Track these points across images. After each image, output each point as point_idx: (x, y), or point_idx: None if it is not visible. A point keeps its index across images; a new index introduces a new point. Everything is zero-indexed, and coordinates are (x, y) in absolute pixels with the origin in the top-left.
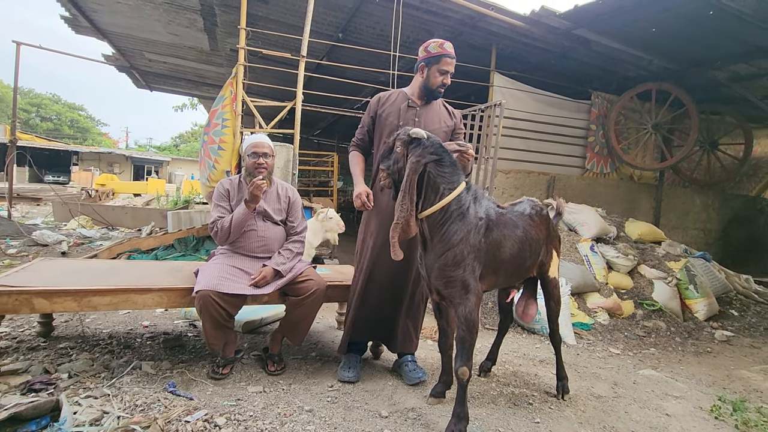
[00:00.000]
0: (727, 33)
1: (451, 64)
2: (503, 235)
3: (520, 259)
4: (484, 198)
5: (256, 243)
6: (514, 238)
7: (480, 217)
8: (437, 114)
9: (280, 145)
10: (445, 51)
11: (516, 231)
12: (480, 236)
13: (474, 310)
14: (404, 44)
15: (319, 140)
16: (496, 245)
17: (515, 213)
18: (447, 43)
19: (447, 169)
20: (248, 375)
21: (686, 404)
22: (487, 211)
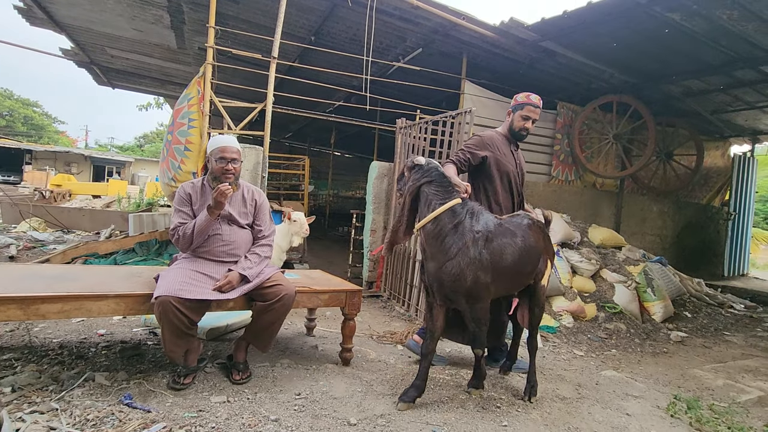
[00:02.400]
0: (681, 50)
1: (534, 111)
2: (504, 243)
3: (520, 266)
4: (483, 213)
5: (221, 247)
6: (514, 246)
7: (477, 231)
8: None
9: (250, 148)
10: (529, 101)
11: (516, 240)
12: (479, 248)
13: (482, 314)
14: (377, 49)
15: (290, 143)
16: (498, 254)
17: (513, 223)
18: (534, 95)
19: (439, 189)
20: (211, 384)
21: (645, 404)
22: (486, 225)
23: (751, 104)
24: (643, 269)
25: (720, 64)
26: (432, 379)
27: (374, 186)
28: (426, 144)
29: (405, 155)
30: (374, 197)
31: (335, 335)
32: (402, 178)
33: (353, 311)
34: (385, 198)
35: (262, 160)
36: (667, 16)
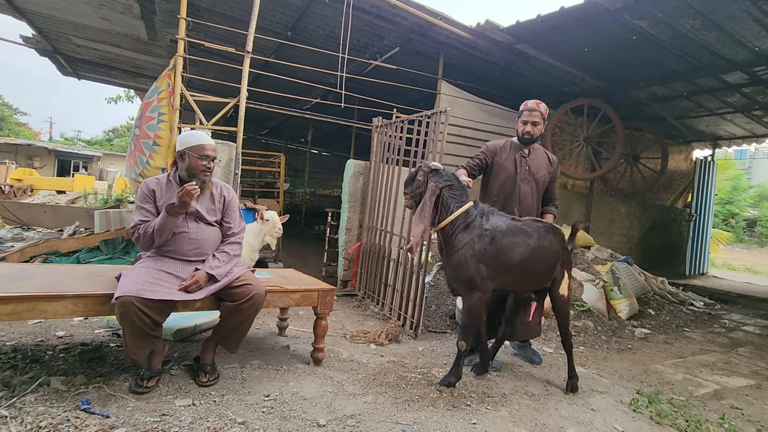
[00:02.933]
0: (647, 57)
1: (530, 115)
2: (513, 242)
3: (530, 265)
4: (495, 214)
5: (187, 246)
6: (524, 245)
7: (486, 229)
8: (540, 161)
9: (222, 144)
10: (525, 107)
11: (528, 239)
12: (485, 244)
13: (476, 303)
14: (354, 47)
15: (266, 140)
16: (504, 250)
17: (532, 225)
18: (531, 101)
19: (457, 192)
20: (177, 387)
21: (609, 399)
22: (496, 224)
23: (712, 111)
24: (610, 268)
25: (683, 71)
26: (403, 378)
27: (350, 184)
28: (402, 143)
29: (381, 154)
30: (350, 196)
31: (308, 335)
32: (412, 182)
33: (326, 311)
34: (360, 196)
35: (235, 156)
36: (635, 23)
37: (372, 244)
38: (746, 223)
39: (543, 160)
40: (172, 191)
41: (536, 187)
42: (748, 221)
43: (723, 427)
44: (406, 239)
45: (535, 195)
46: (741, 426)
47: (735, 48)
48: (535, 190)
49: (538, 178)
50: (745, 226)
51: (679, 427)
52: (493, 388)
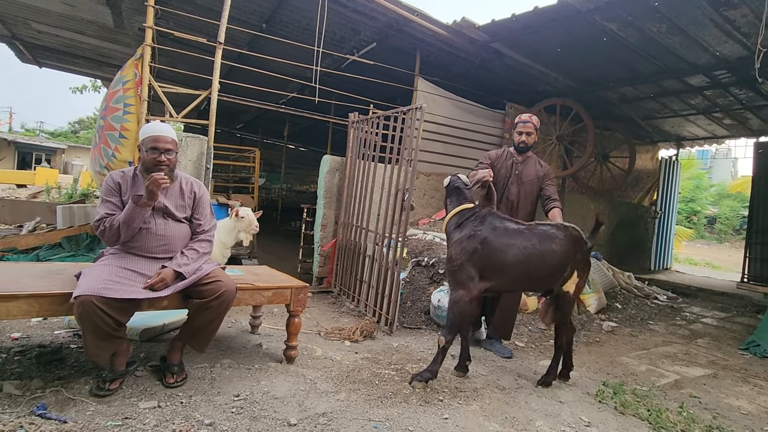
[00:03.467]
0: (617, 59)
1: (524, 126)
2: (506, 244)
3: (526, 266)
4: (493, 216)
5: (153, 242)
6: (519, 247)
7: (479, 230)
8: (531, 167)
9: (193, 137)
10: (519, 120)
11: (525, 242)
12: (475, 244)
13: (461, 298)
14: (331, 41)
15: (241, 134)
16: (497, 252)
17: (536, 228)
18: (524, 115)
19: (453, 199)
20: (141, 389)
21: (576, 391)
22: (492, 226)
23: (676, 112)
24: None
25: (650, 73)
26: (377, 375)
27: (325, 180)
28: (378, 139)
29: (357, 150)
30: (325, 191)
31: (281, 333)
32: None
33: (299, 308)
34: (336, 192)
35: (206, 150)
36: (605, 25)
37: (348, 240)
38: (707, 220)
39: (533, 167)
40: (139, 185)
41: (524, 189)
42: (708, 218)
43: (682, 415)
44: (381, 235)
45: (522, 197)
46: (698, 414)
47: (698, 52)
48: (522, 192)
49: (525, 182)
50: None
51: (642, 417)
52: (465, 382)
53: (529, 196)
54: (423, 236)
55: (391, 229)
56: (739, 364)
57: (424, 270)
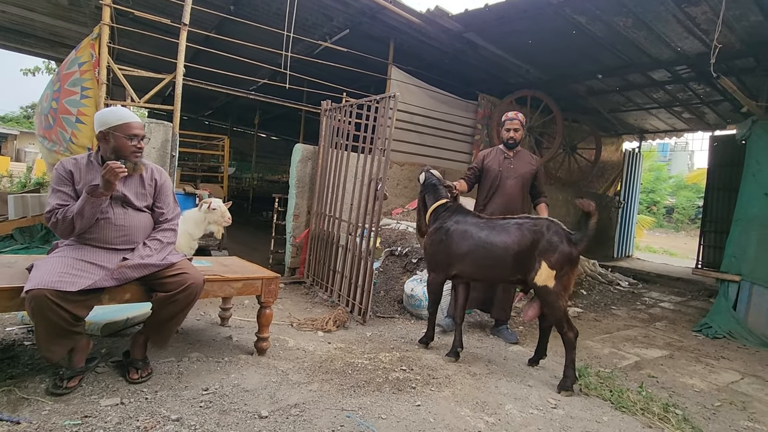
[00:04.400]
0: (585, 52)
1: (511, 122)
2: (463, 235)
3: (478, 255)
4: (460, 212)
5: (113, 233)
6: (474, 238)
7: (446, 223)
8: (525, 161)
9: (157, 123)
10: (506, 117)
11: (480, 233)
12: (441, 235)
13: (432, 281)
14: (302, 27)
15: (210, 122)
16: (455, 242)
17: (493, 222)
18: (510, 112)
19: (431, 195)
20: (103, 386)
21: (544, 374)
22: (455, 219)
23: (640, 105)
24: None
25: (617, 66)
26: (350, 365)
27: (297, 169)
28: (351, 128)
29: (330, 138)
30: (297, 181)
31: (252, 325)
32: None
33: (270, 299)
34: (308, 182)
35: (171, 137)
36: (575, 18)
37: (321, 230)
38: (665, 210)
39: (526, 159)
40: (94, 173)
41: (521, 182)
42: (667, 208)
43: (641, 394)
44: (354, 225)
45: (518, 189)
46: (656, 392)
47: (661, 47)
48: (519, 184)
49: (521, 174)
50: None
51: (605, 397)
52: (438, 370)
53: (525, 189)
54: (396, 226)
55: (364, 219)
56: (693, 345)
57: (397, 259)
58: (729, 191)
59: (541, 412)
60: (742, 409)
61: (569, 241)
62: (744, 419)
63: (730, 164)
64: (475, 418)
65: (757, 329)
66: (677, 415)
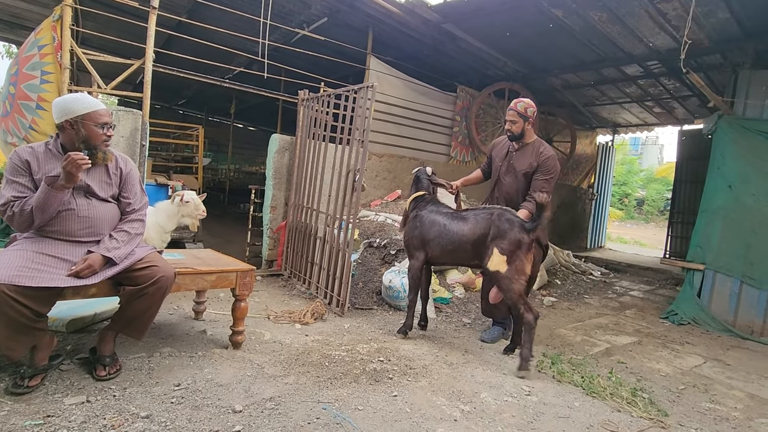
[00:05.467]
0: (562, 46)
1: (509, 114)
2: (431, 224)
3: (443, 241)
4: (432, 203)
5: (76, 225)
6: (439, 226)
7: (421, 213)
8: (527, 156)
9: (126, 111)
10: (509, 108)
11: (443, 221)
12: (416, 223)
13: (412, 266)
14: (279, 14)
15: (184, 111)
16: (425, 229)
17: (460, 213)
18: (512, 102)
19: (413, 187)
20: (68, 384)
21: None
22: (430, 209)
23: (613, 100)
24: None
25: (592, 61)
26: (327, 357)
27: (274, 160)
28: (329, 118)
29: (308, 128)
30: (274, 172)
31: (227, 318)
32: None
33: (245, 292)
34: (286, 173)
35: (141, 126)
36: (551, 11)
37: (298, 222)
38: (636, 202)
39: (529, 155)
40: (53, 162)
41: (517, 179)
42: (638, 200)
43: (611, 379)
44: (332, 217)
45: (514, 186)
46: (625, 377)
47: (634, 42)
48: (515, 181)
49: (518, 171)
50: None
51: (576, 383)
52: (415, 360)
53: (522, 187)
54: (375, 217)
55: (342, 211)
56: (660, 331)
57: (376, 251)
58: (696, 184)
59: (515, 399)
60: (704, 391)
61: (521, 228)
62: (706, 401)
63: (697, 158)
64: (450, 407)
65: (719, 315)
66: (644, 399)
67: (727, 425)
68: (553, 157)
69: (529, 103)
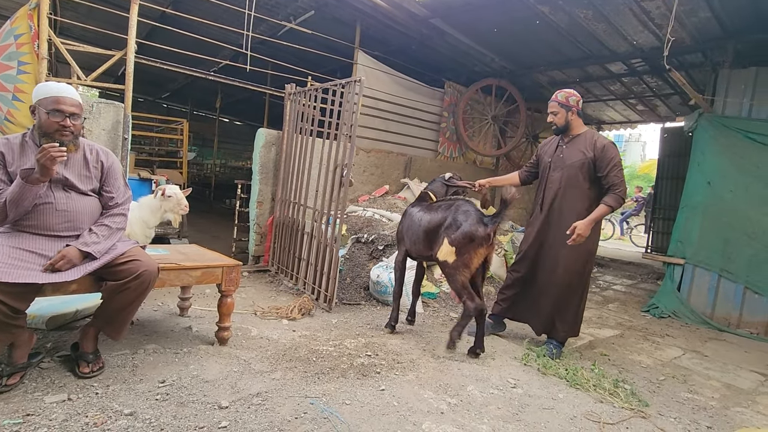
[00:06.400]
0: (548, 43)
1: (550, 106)
2: (410, 217)
3: (413, 235)
4: (420, 199)
5: (54, 219)
6: (414, 220)
7: (409, 209)
8: (578, 148)
9: (107, 103)
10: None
11: (416, 215)
12: (402, 218)
13: (396, 258)
14: (265, 6)
15: (169, 105)
16: (404, 223)
17: (430, 206)
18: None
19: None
20: (48, 382)
21: (505, 356)
22: (414, 204)
23: (598, 97)
24: (510, 238)
25: (577, 58)
26: (314, 352)
27: (261, 155)
28: (316, 112)
29: (294, 123)
30: (261, 167)
31: (213, 314)
32: None
33: (231, 288)
34: (272, 168)
35: (123, 118)
36: (538, 7)
37: (285, 217)
38: None
39: (581, 146)
40: (29, 154)
41: (567, 173)
42: None
43: (594, 371)
44: (319, 212)
45: (564, 182)
46: (607, 369)
47: (618, 40)
48: (565, 177)
49: (568, 164)
50: None
51: (560, 376)
52: (403, 354)
53: (573, 180)
54: (363, 213)
55: (330, 206)
56: (641, 324)
57: (363, 246)
58: (677, 180)
59: (501, 391)
60: (683, 382)
61: (478, 222)
62: (685, 391)
63: (678, 155)
64: (437, 400)
65: (698, 308)
66: (626, 390)
67: (704, 414)
68: (611, 144)
69: (571, 92)
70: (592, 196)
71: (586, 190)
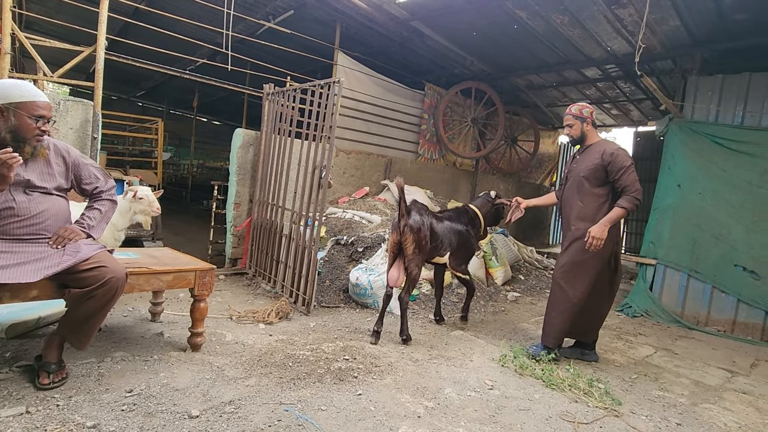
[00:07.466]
0: (526, 47)
1: (566, 119)
2: None
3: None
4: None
5: (16, 224)
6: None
7: None
8: (590, 157)
9: (75, 101)
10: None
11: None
12: None
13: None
14: (243, 4)
15: (144, 103)
16: None
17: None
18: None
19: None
20: (5, 394)
21: (483, 357)
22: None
23: (574, 101)
24: (489, 240)
25: (554, 63)
26: (291, 357)
27: (238, 156)
28: (295, 113)
29: (273, 123)
30: (238, 168)
31: (187, 319)
32: None
33: (204, 292)
34: (250, 169)
35: (92, 117)
36: (516, 12)
37: (263, 219)
38: None
39: (592, 156)
40: None
41: (576, 182)
42: None
43: (569, 371)
44: (298, 214)
45: (576, 193)
46: (582, 369)
47: (593, 45)
48: (574, 186)
49: (577, 174)
50: None
51: (537, 376)
52: (381, 358)
53: (581, 191)
54: (342, 215)
55: (309, 208)
56: (615, 323)
57: (343, 248)
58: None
59: (478, 393)
60: (654, 380)
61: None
62: (656, 389)
63: (650, 158)
64: (415, 404)
65: (669, 307)
66: (600, 389)
67: (674, 411)
68: (621, 149)
69: (583, 105)
70: (601, 202)
71: (596, 196)
